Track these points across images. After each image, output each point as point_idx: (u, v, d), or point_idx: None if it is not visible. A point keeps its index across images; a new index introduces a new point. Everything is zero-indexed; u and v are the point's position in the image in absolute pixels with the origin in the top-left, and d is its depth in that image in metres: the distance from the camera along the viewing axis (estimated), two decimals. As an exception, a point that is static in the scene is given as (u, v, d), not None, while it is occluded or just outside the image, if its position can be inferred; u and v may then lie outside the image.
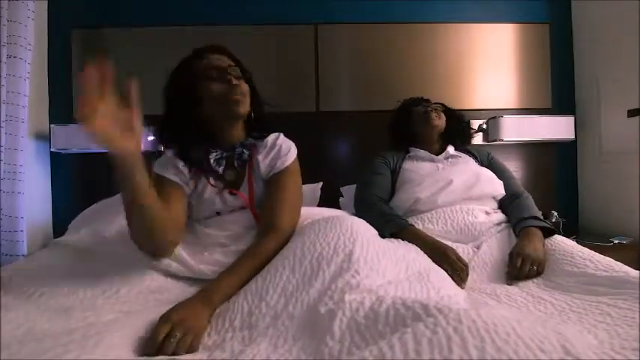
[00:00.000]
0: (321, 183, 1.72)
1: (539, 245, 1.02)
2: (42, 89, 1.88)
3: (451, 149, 1.46)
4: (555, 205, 1.91)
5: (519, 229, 1.11)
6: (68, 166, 1.92)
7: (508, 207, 1.27)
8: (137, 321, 0.64)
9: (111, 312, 0.69)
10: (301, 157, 1.05)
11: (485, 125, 1.99)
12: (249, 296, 0.70)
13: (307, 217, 0.98)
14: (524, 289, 0.89)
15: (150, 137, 1.70)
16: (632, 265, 0.87)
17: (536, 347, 0.41)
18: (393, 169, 1.41)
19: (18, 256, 1.50)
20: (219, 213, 0.98)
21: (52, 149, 1.80)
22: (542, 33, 2.07)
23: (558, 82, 2.08)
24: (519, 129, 1.91)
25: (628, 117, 1.72)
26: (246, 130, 1.03)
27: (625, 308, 0.68)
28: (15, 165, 1.52)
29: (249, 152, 1.00)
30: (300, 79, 2.00)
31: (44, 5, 1.88)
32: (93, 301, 0.74)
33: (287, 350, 0.56)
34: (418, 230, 1.13)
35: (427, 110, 1.47)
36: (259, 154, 1.00)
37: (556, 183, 2.07)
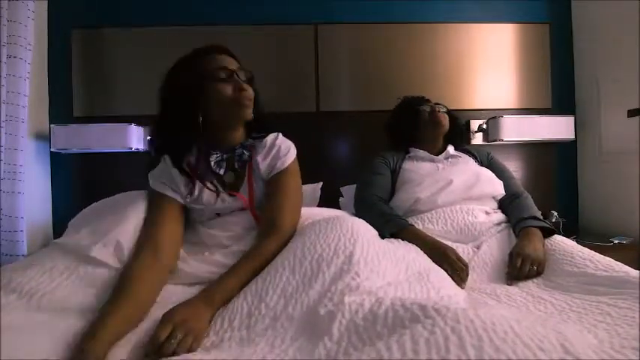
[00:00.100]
0: (321, 183, 1.72)
1: (539, 245, 1.02)
2: (42, 89, 1.88)
3: (451, 149, 1.46)
4: (555, 205, 1.91)
5: (519, 229, 1.11)
6: (68, 166, 1.92)
7: (508, 207, 1.27)
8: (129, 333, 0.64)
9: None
10: (301, 157, 1.05)
11: (485, 125, 1.98)
12: (248, 297, 0.69)
13: (307, 218, 0.98)
14: (524, 289, 0.89)
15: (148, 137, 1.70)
16: (632, 265, 0.87)
17: (535, 346, 0.41)
18: (393, 169, 1.41)
19: (18, 256, 1.50)
20: (219, 214, 0.98)
21: (52, 149, 1.80)
22: (542, 33, 2.07)
23: (558, 82, 2.08)
24: (519, 129, 1.90)
25: (628, 117, 1.72)
26: (245, 131, 1.02)
27: (625, 308, 0.68)
28: (15, 165, 1.52)
29: (249, 153, 0.99)
30: (300, 79, 2.00)
31: (44, 5, 1.88)
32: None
33: (283, 350, 0.56)
34: (418, 230, 1.13)
35: (435, 110, 1.45)
36: (258, 155, 0.98)
37: (556, 183, 2.07)
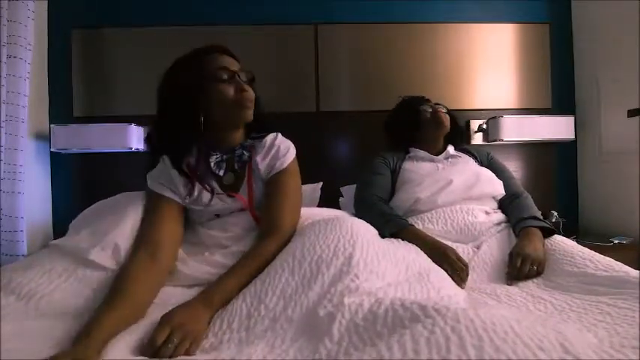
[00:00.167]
0: (321, 183, 1.72)
1: (539, 245, 1.02)
2: (42, 89, 1.88)
3: (451, 149, 1.46)
4: (555, 205, 1.91)
5: (519, 229, 1.11)
6: (68, 166, 1.92)
7: (508, 207, 1.27)
8: (124, 333, 0.64)
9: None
10: (301, 157, 1.05)
11: (485, 125, 1.98)
12: (247, 298, 0.69)
13: (307, 218, 0.97)
14: (524, 289, 0.89)
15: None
16: (632, 265, 0.87)
17: (535, 346, 0.41)
18: (393, 169, 1.40)
19: (18, 256, 1.50)
20: (218, 215, 0.97)
21: (52, 149, 1.80)
22: (542, 33, 2.07)
23: (558, 82, 2.08)
24: (519, 129, 1.90)
25: (628, 117, 1.72)
26: (245, 131, 1.02)
27: (625, 308, 0.68)
28: (15, 165, 1.52)
29: (249, 154, 0.98)
30: (300, 79, 2.00)
31: (44, 5, 1.88)
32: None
33: (284, 351, 0.56)
34: (418, 230, 1.13)
35: (437, 111, 1.44)
36: (258, 155, 0.98)
37: (556, 183, 2.07)
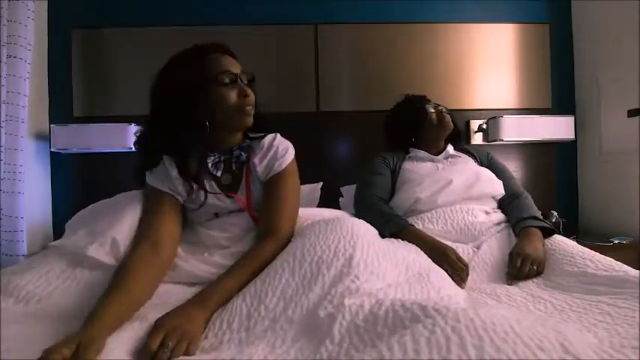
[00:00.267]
0: (321, 183, 1.72)
1: (539, 245, 1.02)
2: (42, 89, 1.88)
3: (451, 149, 1.45)
4: (555, 205, 1.91)
5: (519, 229, 1.11)
6: (68, 166, 1.92)
7: (508, 207, 1.27)
8: (135, 323, 0.64)
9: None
10: (301, 157, 1.04)
11: (485, 125, 1.99)
12: (247, 298, 0.69)
13: (307, 218, 0.97)
14: (524, 289, 0.89)
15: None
16: (632, 265, 0.87)
17: (535, 346, 0.41)
18: (393, 170, 1.40)
19: (18, 256, 1.50)
20: (217, 215, 0.97)
21: (52, 149, 1.80)
22: (542, 33, 2.07)
23: (558, 82, 2.08)
24: (519, 129, 1.91)
25: (628, 117, 1.72)
26: (243, 132, 1.01)
27: (625, 307, 0.68)
28: (15, 165, 1.52)
29: (247, 154, 0.98)
30: (300, 79, 2.00)
31: (44, 5, 1.88)
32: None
33: (285, 352, 0.56)
34: (418, 230, 1.13)
35: (441, 111, 1.43)
36: (256, 157, 0.97)
37: (556, 183, 2.07)
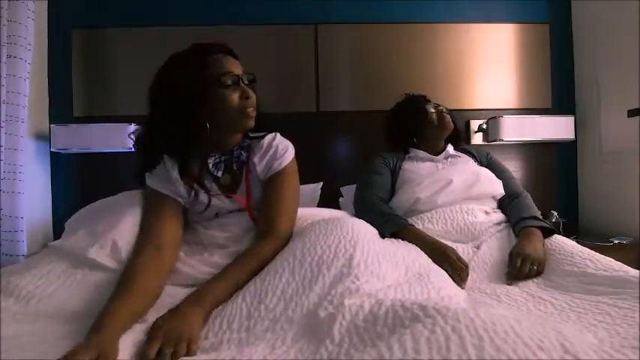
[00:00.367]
0: (321, 183, 1.72)
1: (539, 245, 1.02)
2: (42, 89, 1.88)
3: (451, 149, 1.45)
4: (555, 205, 1.91)
5: (519, 229, 1.11)
6: (68, 166, 1.92)
7: (507, 207, 1.27)
8: (136, 325, 0.65)
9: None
10: (301, 157, 1.04)
11: (485, 125, 1.99)
12: (247, 298, 0.69)
13: (307, 218, 0.97)
14: (524, 289, 0.89)
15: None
16: (632, 265, 0.87)
17: (535, 346, 0.41)
18: (393, 170, 1.40)
19: (18, 256, 1.50)
20: (217, 215, 0.97)
21: (52, 149, 1.80)
22: (542, 33, 2.07)
23: (558, 82, 2.08)
24: (519, 129, 1.91)
25: (628, 117, 1.72)
26: (243, 132, 1.01)
27: (625, 307, 0.68)
28: (15, 165, 1.52)
29: (247, 154, 0.98)
30: (300, 79, 2.00)
31: (44, 5, 1.88)
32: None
33: (285, 352, 0.56)
34: (418, 230, 1.13)
35: (441, 111, 1.43)
36: (255, 156, 0.97)
37: (556, 183, 2.07)
